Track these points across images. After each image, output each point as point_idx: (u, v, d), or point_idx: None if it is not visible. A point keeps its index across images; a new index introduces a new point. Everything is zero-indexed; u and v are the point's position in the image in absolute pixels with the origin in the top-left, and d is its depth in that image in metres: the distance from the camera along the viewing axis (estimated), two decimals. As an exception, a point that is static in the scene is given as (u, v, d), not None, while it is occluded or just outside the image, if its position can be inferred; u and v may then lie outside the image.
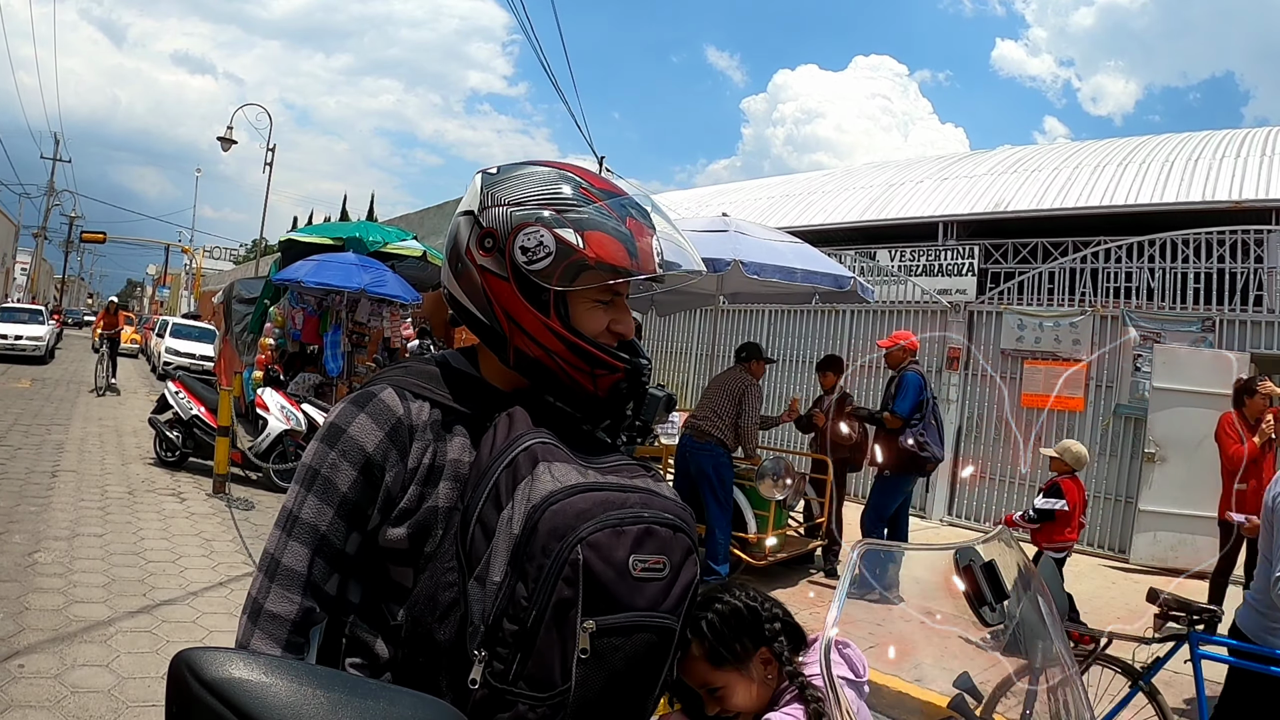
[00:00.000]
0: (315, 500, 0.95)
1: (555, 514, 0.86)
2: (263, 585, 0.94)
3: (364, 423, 0.96)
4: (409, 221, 18.40)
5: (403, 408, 0.98)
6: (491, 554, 0.87)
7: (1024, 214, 12.65)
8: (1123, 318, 8.15)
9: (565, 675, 0.84)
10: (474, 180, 1.08)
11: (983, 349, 9.12)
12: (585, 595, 0.85)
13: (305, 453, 0.99)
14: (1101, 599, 6.32)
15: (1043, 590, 1.06)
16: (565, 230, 0.99)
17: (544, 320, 1.00)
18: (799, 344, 10.80)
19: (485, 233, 1.02)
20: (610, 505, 0.89)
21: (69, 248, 48.52)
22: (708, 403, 5.92)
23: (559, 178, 1.03)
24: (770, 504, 5.96)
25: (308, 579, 0.93)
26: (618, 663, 0.87)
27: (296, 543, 0.94)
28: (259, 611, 0.93)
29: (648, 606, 0.88)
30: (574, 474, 0.91)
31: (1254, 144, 11.97)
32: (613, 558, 0.86)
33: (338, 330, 9.94)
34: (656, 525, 0.91)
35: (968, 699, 1.10)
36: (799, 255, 6.08)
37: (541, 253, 0.99)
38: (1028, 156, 15.18)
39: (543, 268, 0.99)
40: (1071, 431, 8.39)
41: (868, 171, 18.55)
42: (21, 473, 7.24)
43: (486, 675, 0.84)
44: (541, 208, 1.00)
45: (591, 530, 0.86)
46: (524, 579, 0.85)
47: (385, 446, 0.95)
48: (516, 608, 0.84)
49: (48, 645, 3.73)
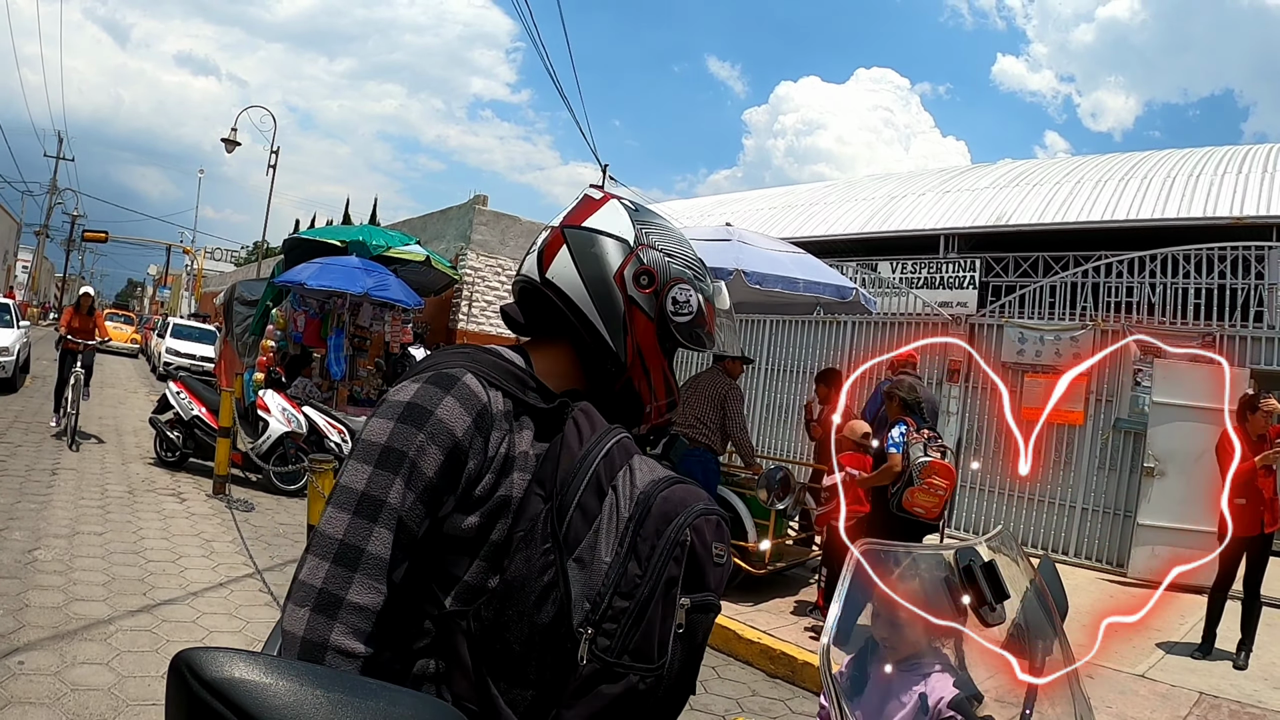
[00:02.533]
0: (401, 484, 0.93)
1: (665, 500, 0.93)
2: (338, 575, 0.90)
3: (452, 406, 0.96)
4: (411, 226, 18.40)
5: (485, 395, 0.99)
6: (598, 536, 0.92)
7: (1025, 228, 12.69)
8: (1123, 332, 8.16)
9: (663, 649, 0.91)
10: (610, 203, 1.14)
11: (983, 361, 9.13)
12: (687, 573, 0.92)
13: (373, 430, 0.95)
14: (1098, 612, 6.32)
15: (1043, 589, 1.07)
16: (700, 298, 1.12)
17: (664, 365, 1.13)
18: (801, 355, 10.82)
19: (644, 270, 1.10)
20: (696, 497, 0.96)
21: (70, 246, 48.56)
22: (689, 409, 5.91)
23: (688, 241, 1.16)
24: (770, 513, 5.96)
25: (391, 567, 0.92)
26: (698, 637, 0.95)
27: (382, 528, 0.92)
28: (338, 603, 0.89)
29: (716, 588, 0.97)
30: (660, 468, 0.98)
31: (1255, 161, 12.02)
32: (706, 542, 0.94)
33: (340, 334, 9.97)
34: (722, 518, 0.99)
35: (968, 699, 1.11)
36: (801, 265, 6.10)
37: (686, 310, 1.11)
38: (1029, 170, 15.23)
39: (683, 323, 1.11)
40: (1071, 445, 8.41)
41: (870, 183, 18.61)
42: (21, 470, 7.24)
43: (594, 650, 0.89)
44: (688, 268, 1.13)
45: (694, 516, 0.93)
46: (637, 557, 0.90)
47: (472, 433, 0.96)
48: (629, 584, 0.90)
49: (48, 642, 3.73)
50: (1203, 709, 4.42)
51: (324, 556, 0.91)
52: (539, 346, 1.14)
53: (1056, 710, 1.08)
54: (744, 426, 5.91)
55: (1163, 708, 4.42)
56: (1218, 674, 4.99)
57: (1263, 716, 4.38)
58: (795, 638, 4.96)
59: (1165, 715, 4.31)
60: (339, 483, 0.95)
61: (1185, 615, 6.30)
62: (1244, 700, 4.57)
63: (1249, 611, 5.26)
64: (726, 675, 4.63)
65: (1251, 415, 5.32)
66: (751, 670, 4.75)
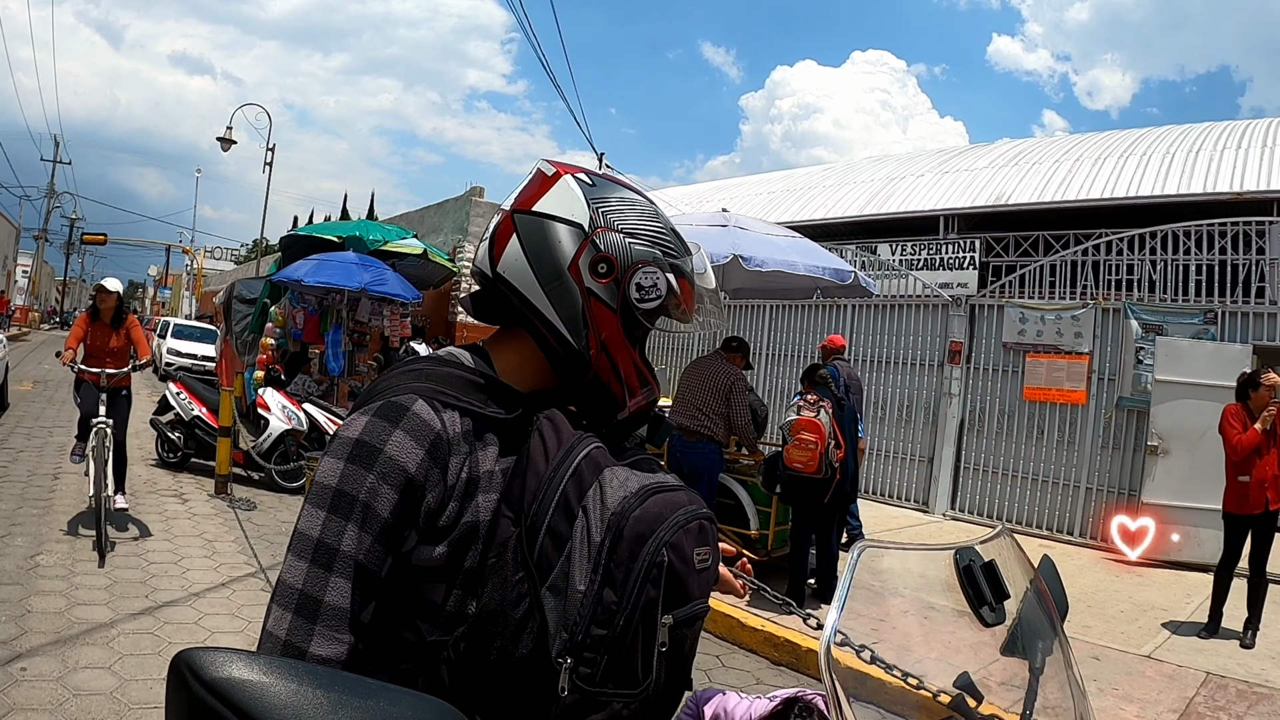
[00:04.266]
0: (355, 529, 0.88)
1: (637, 520, 0.88)
2: (299, 627, 0.86)
3: (402, 441, 0.90)
4: (409, 219, 18.39)
5: (438, 421, 0.93)
6: (570, 563, 0.87)
7: (1025, 207, 12.64)
8: (1125, 310, 8.13)
9: (647, 671, 0.89)
10: (562, 181, 1.04)
11: (984, 342, 9.11)
12: (666, 593, 0.89)
13: (324, 471, 0.91)
14: (1105, 593, 6.32)
15: (1043, 589, 1.05)
16: (671, 275, 1.03)
17: (634, 356, 1.04)
18: (801, 339, 10.80)
19: (601, 258, 1.00)
20: (675, 505, 0.92)
21: (70, 249, 48.65)
22: (691, 399, 5.78)
23: (657, 213, 1.06)
24: (772, 499, 5.95)
25: (353, 616, 0.87)
26: (684, 649, 0.93)
27: (339, 578, 0.87)
28: (301, 655, 0.85)
29: (702, 595, 0.94)
30: (633, 478, 0.92)
31: (1255, 136, 11.94)
32: (685, 555, 0.91)
33: (339, 329, 9.95)
34: (704, 520, 0.95)
35: (968, 699, 1.09)
36: (798, 249, 6.06)
37: (653, 295, 1.02)
38: (1028, 150, 15.15)
39: (650, 309, 1.03)
40: (1074, 424, 8.39)
41: (868, 166, 18.54)
42: (24, 475, 7.24)
43: (575, 681, 0.86)
44: (655, 246, 1.03)
45: (670, 533, 0.89)
46: (611, 584, 0.87)
47: (427, 465, 0.90)
48: (606, 612, 0.86)
49: (50, 648, 3.72)
50: (1210, 689, 4.41)
51: (286, 606, 0.87)
52: (501, 343, 1.07)
53: (1056, 710, 1.05)
54: (749, 418, 5.82)
55: (1169, 688, 4.40)
56: (1225, 654, 4.98)
57: (1270, 695, 4.37)
58: (798, 625, 4.95)
59: (1172, 696, 4.30)
60: (295, 527, 0.91)
61: (1191, 595, 6.29)
62: (1251, 680, 4.56)
63: (1255, 590, 5.25)
64: (730, 664, 4.62)
65: (1254, 392, 5.30)
66: (755, 658, 4.75)
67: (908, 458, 9.63)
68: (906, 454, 9.64)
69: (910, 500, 9.57)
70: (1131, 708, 4.10)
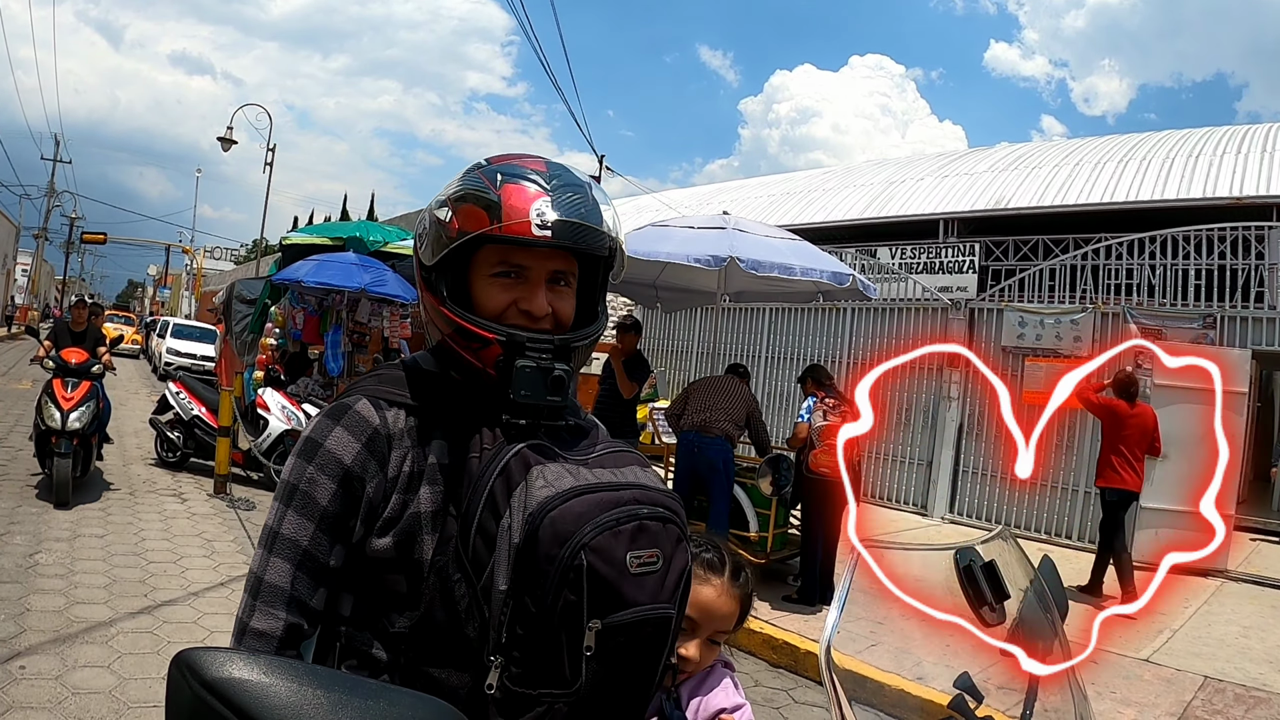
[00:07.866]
0: (295, 515, 0.94)
1: (555, 521, 0.87)
2: (247, 604, 0.93)
3: (340, 436, 0.95)
4: (409, 221, 18.38)
5: (378, 417, 0.97)
6: (495, 563, 0.88)
7: (1025, 211, 12.63)
8: (1124, 314, 8.14)
9: (575, 673, 0.87)
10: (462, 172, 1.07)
11: (984, 346, 9.11)
12: (590, 597, 0.86)
13: (284, 468, 0.98)
14: (1101, 598, 6.31)
15: (1043, 589, 1.05)
16: (442, 210, 1.00)
17: (435, 302, 1.00)
18: (801, 343, 10.80)
19: (419, 237, 1.04)
20: (605, 505, 0.90)
21: (70, 249, 48.54)
22: (712, 403, 5.87)
23: (474, 166, 1.03)
24: (771, 502, 5.95)
25: (291, 595, 0.92)
26: (625, 655, 0.90)
27: (278, 559, 0.93)
28: (244, 630, 0.92)
29: (649, 600, 0.90)
30: (567, 476, 0.91)
31: (1254, 140, 11.94)
32: (613, 558, 0.88)
33: (338, 330, 9.95)
34: (649, 520, 0.92)
35: (968, 699, 1.09)
36: (797, 252, 6.06)
37: (426, 238, 1.01)
38: (1028, 154, 15.15)
39: (423, 248, 1.02)
40: (1073, 428, 8.39)
41: (868, 169, 18.53)
42: (23, 474, 7.24)
43: (504, 680, 0.87)
44: (455, 187, 1.01)
45: (592, 535, 0.87)
46: (528, 588, 0.86)
47: (364, 458, 0.94)
48: (524, 615, 0.86)
49: (49, 646, 3.72)
50: (1207, 693, 4.41)
51: (245, 588, 0.95)
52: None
53: (1056, 710, 1.06)
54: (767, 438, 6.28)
55: (1167, 692, 4.41)
56: (1223, 657, 4.99)
57: (1268, 699, 4.37)
58: (798, 627, 4.95)
59: (1170, 700, 4.30)
60: None
61: (1190, 599, 6.29)
62: (1249, 684, 4.57)
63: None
64: (730, 667, 4.62)
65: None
66: (754, 660, 4.75)
67: (906, 461, 9.63)
68: (905, 457, 9.64)
69: (909, 504, 9.57)
70: (1129, 711, 4.10)
